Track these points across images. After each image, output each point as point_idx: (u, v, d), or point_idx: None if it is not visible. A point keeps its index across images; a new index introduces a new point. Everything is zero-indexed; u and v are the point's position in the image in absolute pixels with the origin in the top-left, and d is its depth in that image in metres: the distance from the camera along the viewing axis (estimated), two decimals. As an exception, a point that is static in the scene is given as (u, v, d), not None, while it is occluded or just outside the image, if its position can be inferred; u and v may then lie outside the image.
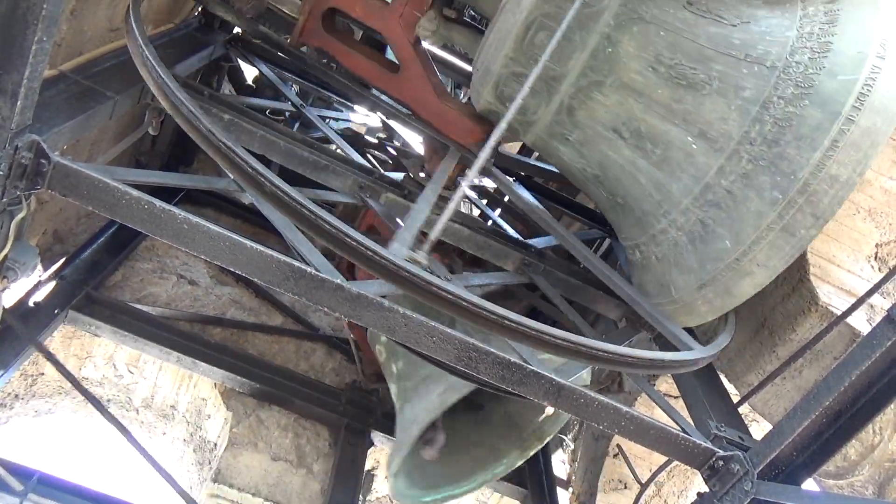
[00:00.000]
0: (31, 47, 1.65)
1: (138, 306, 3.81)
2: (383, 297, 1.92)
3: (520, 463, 3.41)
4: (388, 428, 4.01)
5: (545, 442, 3.33)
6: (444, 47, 4.47)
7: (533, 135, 2.62)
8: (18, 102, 1.72)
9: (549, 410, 3.26)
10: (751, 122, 2.14)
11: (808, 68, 2.11)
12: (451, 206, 1.81)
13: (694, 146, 2.22)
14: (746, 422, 2.74)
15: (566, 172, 2.84)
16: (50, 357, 2.67)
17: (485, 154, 1.82)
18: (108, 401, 4.14)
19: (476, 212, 5.50)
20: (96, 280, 3.75)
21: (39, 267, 2.26)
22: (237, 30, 4.15)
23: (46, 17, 1.63)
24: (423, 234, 2.05)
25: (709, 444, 2.23)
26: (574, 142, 2.53)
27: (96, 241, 3.98)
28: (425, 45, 3.05)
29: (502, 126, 1.84)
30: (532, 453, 3.33)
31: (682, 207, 2.31)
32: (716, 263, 2.26)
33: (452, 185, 3.11)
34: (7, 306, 2.57)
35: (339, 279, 1.89)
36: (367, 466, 4.03)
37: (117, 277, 4.02)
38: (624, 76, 2.30)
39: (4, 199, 1.82)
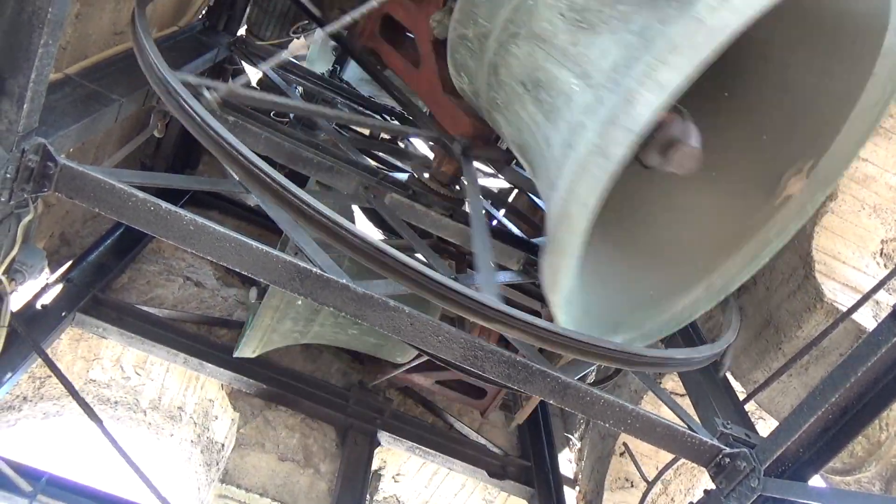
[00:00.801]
0: (36, 50, 1.66)
1: (145, 308, 3.83)
2: (390, 296, 1.93)
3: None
4: (395, 428, 4.02)
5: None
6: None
7: (483, 107, 2.50)
8: (25, 106, 1.73)
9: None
10: (625, 49, 1.77)
11: None
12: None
13: (574, 87, 1.90)
14: (752, 419, 2.73)
15: (513, 149, 2.48)
16: (48, 361, 2.69)
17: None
18: (116, 403, 4.16)
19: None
20: (103, 282, 3.77)
21: (47, 270, 2.27)
22: (242, 31, 4.17)
23: (52, 20, 1.64)
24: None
25: (715, 442, 2.23)
26: (502, 106, 2.30)
27: (103, 243, 4.00)
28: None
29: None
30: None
31: (558, 162, 1.87)
32: (553, 220, 1.79)
33: (450, 181, 3.11)
34: (15, 310, 2.58)
35: (344, 279, 1.89)
36: (374, 466, 4.03)
37: (124, 280, 4.04)
38: (535, 25, 2.10)
39: (12, 202, 1.83)
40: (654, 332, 2.28)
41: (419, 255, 2.73)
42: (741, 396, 2.82)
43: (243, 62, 4.34)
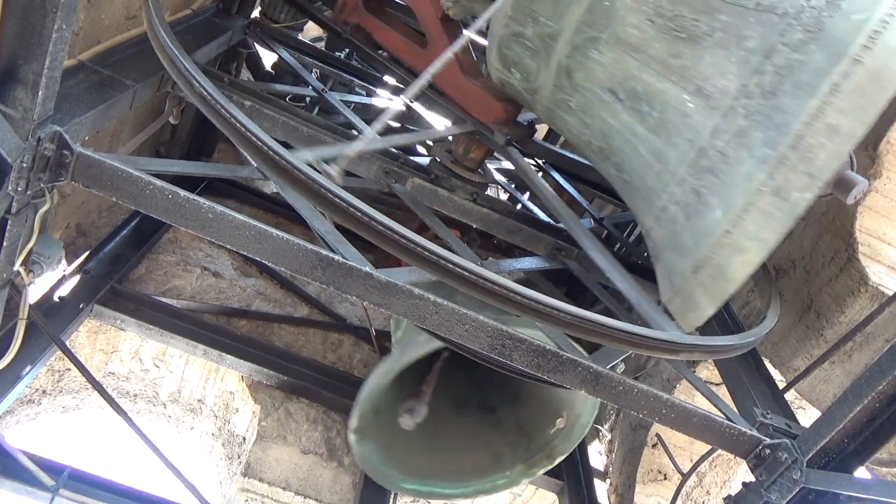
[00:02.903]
0: (50, 35, 1.67)
1: (163, 299, 3.87)
2: (413, 284, 1.92)
3: (521, 482, 3.21)
4: (419, 419, 4.03)
5: (554, 464, 3.12)
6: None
7: (541, 105, 2.51)
8: (40, 93, 1.74)
9: (560, 423, 3.03)
10: (750, 73, 1.89)
11: (822, 11, 1.85)
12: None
13: (690, 105, 1.99)
14: (793, 409, 2.70)
15: (577, 147, 2.67)
16: (68, 353, 2.73)
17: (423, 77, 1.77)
18: (136, 396, 4.22)
19: (505, 196, 5.48)
20: (120, 273, 3.82)
21: (64, 261, 2.29)
22: (255, 14, 4.17)
23: (65, 4, 1.64)
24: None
25: (755, 432, 2.21)
26: (576, 108, 2.37)
27: (119, 233, 4.05)
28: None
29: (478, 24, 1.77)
30: (538, 473, 3.14)
31: (679, 177, 2.04)
32: (707, 238, 1.98)
33: (478, 167, 3.10)
34: (32, 302, 2.63)
35: (367, 267, 1.89)
36: (398, 459, 4.05)
37: (141, 271, 4.08)
38: (620, 31, 2.11)
39: (28, 192, 1.85)
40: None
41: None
42: (781, 385, 2.79)
43: (258, 45, 4.36)
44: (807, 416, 3.64)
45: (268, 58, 4.92)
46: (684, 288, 2.10)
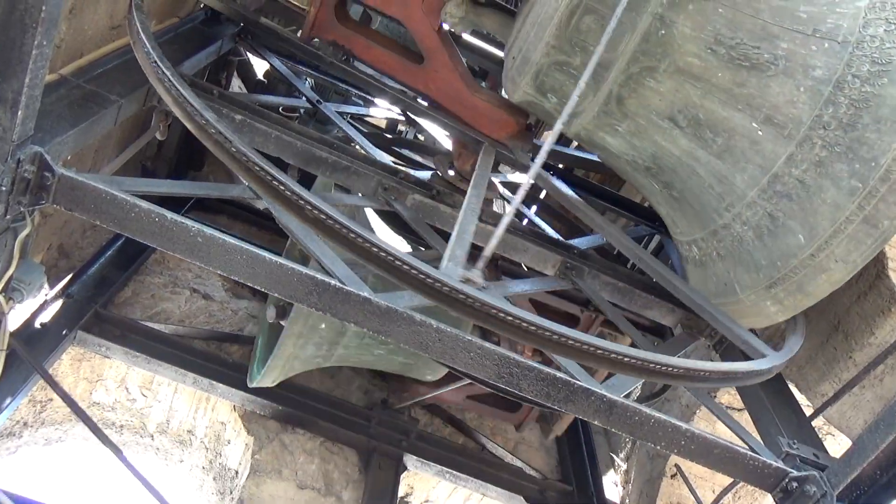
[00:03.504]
0: (30, 52, 1.68)
1: (150, 324, 3.87)
2: (414, 309, 1.92)
3: None
4: (422, 450, 4.02)
5: None
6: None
7: (578, 126, 2.60)
8: (19, 112, 1.76)
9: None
10: (823, 104, 2.11)
11: (884, 42, 2.06)
12: (508, 216, 1.80)
13: (760, 133, 2.20)
14: (821, 436, 2.68)
15: (612, 164, 2.82)
16: (52, 383, 2.73)
17: (540, 157, 1.80)
18: (122, 427, 4.21)
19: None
20: (105, 297, 3.83)
21: (46, 286, 2.30)
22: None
23: (46, 18, 1.66)
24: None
25: (780, 464, 2.19)
26: (624, 132, 2.52)
27: (104, 254, 4.06)
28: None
29: (557, 129, 1.83)
30: None
31: (748, 200, 2.30)
32: (788, 260, 2.24)
33: (468, 175, 3.11)
34: (12, 329, 2.63)
35: (365, 291, 1.90)
36: (401, 493, 4.03)
37: (127, 293, 4.09)
38: (679, 60, 2.27)
39: (7, 217, 1.86)
40: None
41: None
42: (808, 411, 2.77)
43: (249, 54, 4.38)
44: (836, 443, 3.62)
45: (259, 65, 4.95)
46: (752, 298, 2.40)
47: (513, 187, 4.41)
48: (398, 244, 3.80)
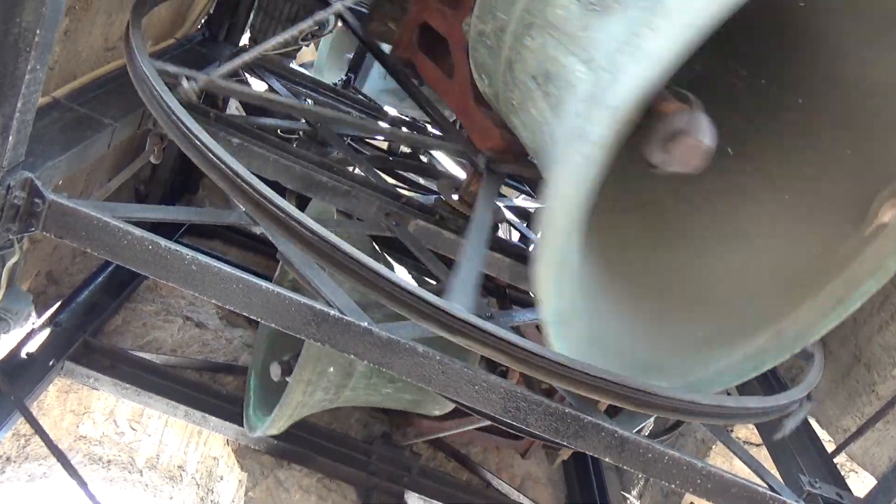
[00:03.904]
0: (23, 77, 1.70)
1: (141, 354, 3.87)
2: (418, 340, 1.92)
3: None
4: (425, 487, 3.99)
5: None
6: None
7: (503, 113, 2.51)
8: (10, 138, 1.77)
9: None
10: (627, 25, 1.78)
11: None
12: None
13: (580, 74, 1.91)
14: (843, 473, 2.66)
15: (533, 158, 2.64)
16: (29, 418, 2.72)
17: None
18: (109, 462, 4.19)
19: (516, 236, 5.50)
20: (94, 325, 3.83)
21: (33, 314, 2.31)
22: (244, 42, 4.25)
23: (41, 43, 1.68)
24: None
25: (801, 504, 2.18)
26: (517, 107, 2.32)
27: (93, 281, 4.07)
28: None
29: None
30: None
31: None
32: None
33: (472, 199, 3.12)
34: (-2, 360, 2.65)
35: (366, 322, 1.90)
36: (402, 532, 4.00)
37: (117, 322, 4.10)
38: (550, 13, 2.09)
39: (-5, 244, 1.87)
40: (705, 383, 2.18)
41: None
42: (829, 447, 2.75)
43: (248, 75, 4.43)
44: (860, 480, 3.59)
45: (258, 86, 4.99)
46: None
47: (518, 210, 4.44)
48: (399, 271, 3.81)
